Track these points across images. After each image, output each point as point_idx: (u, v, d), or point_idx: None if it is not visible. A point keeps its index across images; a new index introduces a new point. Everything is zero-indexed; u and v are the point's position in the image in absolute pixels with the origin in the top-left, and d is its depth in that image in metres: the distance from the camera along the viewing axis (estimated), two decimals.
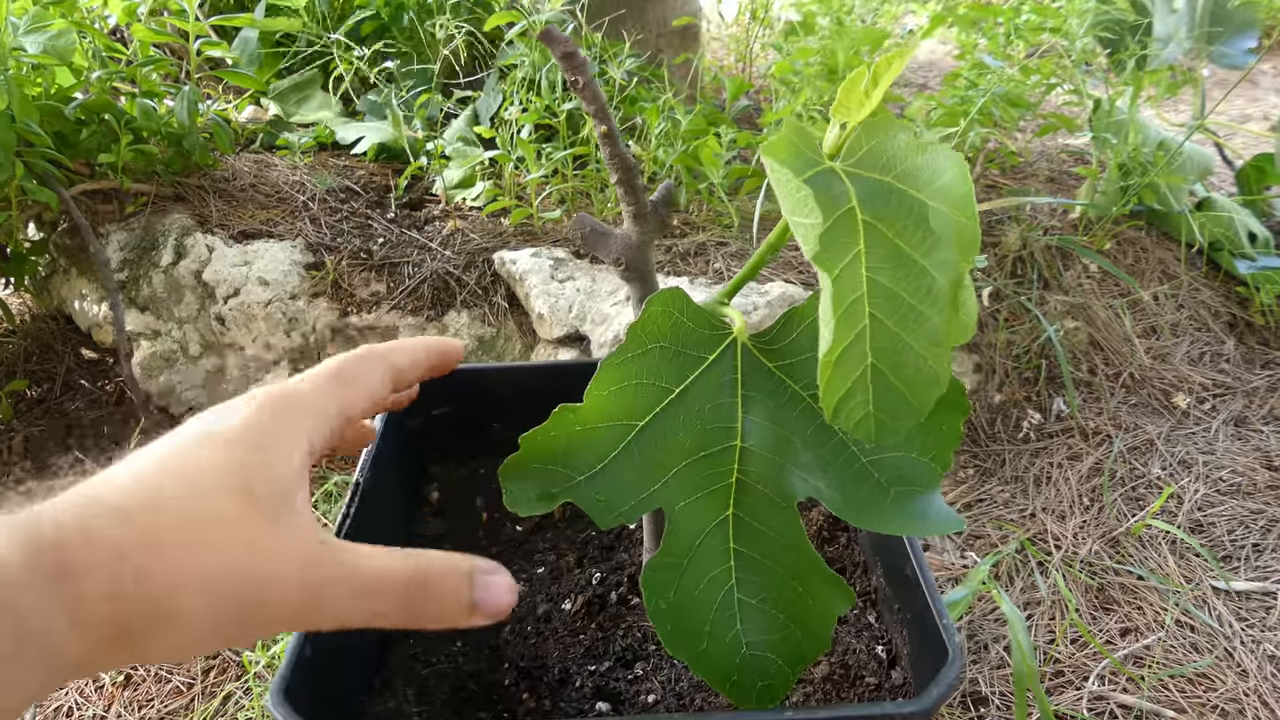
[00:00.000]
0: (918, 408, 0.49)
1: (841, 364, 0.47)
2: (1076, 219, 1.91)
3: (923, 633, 0.63)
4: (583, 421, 0.57)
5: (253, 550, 0.37)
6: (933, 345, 0.47)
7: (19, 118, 1.37)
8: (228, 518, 0.36)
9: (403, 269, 1.58)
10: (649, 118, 1.68)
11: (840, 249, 0.48)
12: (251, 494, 0.38)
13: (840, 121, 0.56)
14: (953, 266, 0.48)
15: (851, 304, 0.48)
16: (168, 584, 0.34)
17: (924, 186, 0.51)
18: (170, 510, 0.35)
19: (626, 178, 0.62)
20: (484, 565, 0.43)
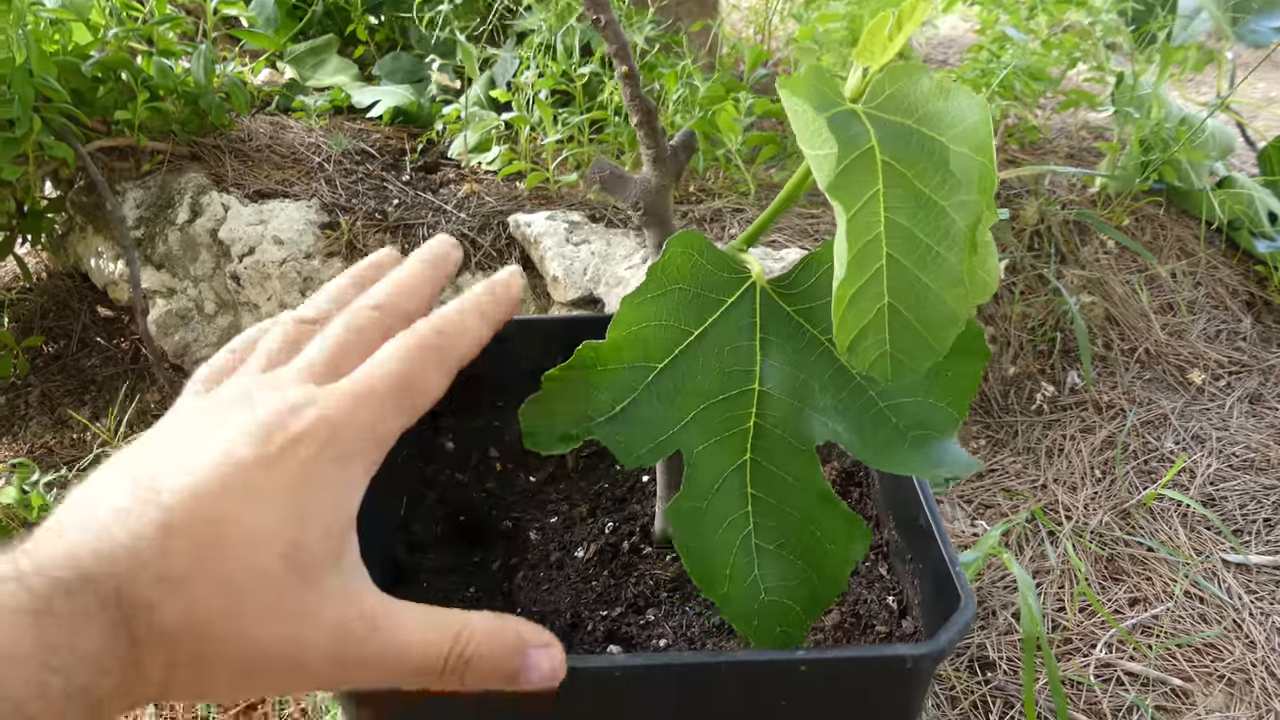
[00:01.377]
0: (936, 347, 0.49)
1: (856, 302, 0.47)
2: (1095, 194, 1.90)
3: (935, 581, 0.63)
4: (603, 362, 0.57)
5: (291, 619, 0.36)
6: (951, 286, 0.47)
7: (36, 72, 1.37)
8: (271, 581, 0.36)
9: (417, 230, 1.58)
10: (667, 84, 1.67)
11: (858, 188, 0.48)
12: (298, 552, 0.36)
13: (863, 66, 0.56)
14: (973, 209, 0.48)
15: (868, 243, 0.48)
16: (213, 656, 0.35)
17: (946, 130, 0.50)
18: (223, 575, 0.35)
19: (646, 120, 0.62)
20: (533, 637, 0.42)
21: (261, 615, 0.35)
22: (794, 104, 0.49)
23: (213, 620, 0.35)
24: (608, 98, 1.69)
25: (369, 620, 0.38)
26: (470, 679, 0.40)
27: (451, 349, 0.44)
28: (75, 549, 0.33)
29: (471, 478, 0.88)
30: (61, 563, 0.33)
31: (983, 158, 0.49)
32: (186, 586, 0.34)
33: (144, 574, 0.34)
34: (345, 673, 0.38)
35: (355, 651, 0.37)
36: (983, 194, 0.49)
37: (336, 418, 0.38)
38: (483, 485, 0.87)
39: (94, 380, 1.66)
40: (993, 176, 0.49)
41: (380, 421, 0.40)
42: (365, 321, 0.44)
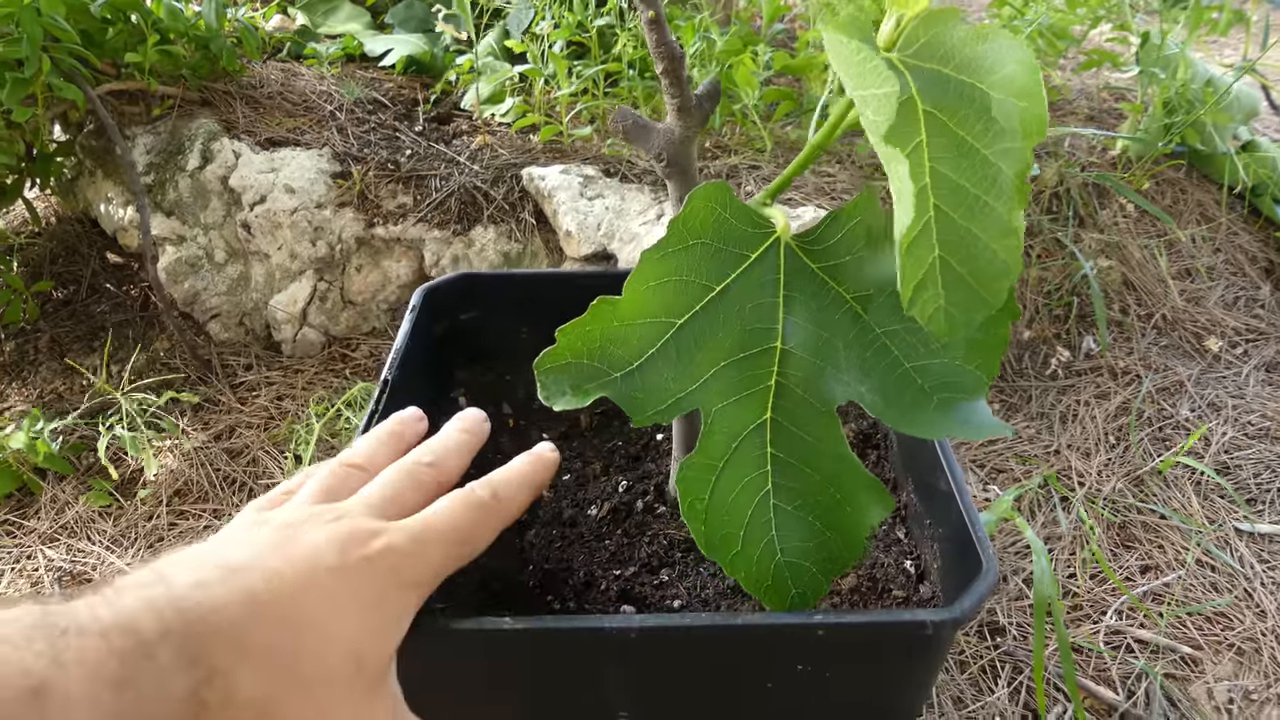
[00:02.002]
0: (989, 300, 0.47)
1: (913, 250, 0.46)
2: (1115, 157, 1.87)
3: (954, 546, 0.62)
4: (620, 317, 0.56)
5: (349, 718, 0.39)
6: (1001, 236, 0.45)
7: (45, 11, 1.35)
8: (340, 686, 0.39)
9: (430, 182, 1.56)
10: (684, 37, 1.64)
11: (905, 135, 0.47)
12: (363, 664, 0.40)
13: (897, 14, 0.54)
14: (1018, 155, 0.47)
15: (916, 194, 0.46)
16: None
17: (985, 76, 0.49)
18: (302, 674, 0.37)
19: (672, 67, 0.60)
20: None
21: (324, 709, 0.38)
22: (840, 44, 0.48)
23: (281, 702, 0.37)
24: (622, 50, 1.66)
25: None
26: None
27: (503, 512, 0.51)
28: (155, 601, 0.35)
29: None
30: (141, 612, 0.34)
31: (1026, 101, 0.48)
32: (264, 661, 0.36)
33: (222, 638, 0.35)
34: None
35: None
36: (1028, 139, 0.47)
37: (405, 549, 0.43)
38: (495, 441, 0.86)
39: (103, 326, 1.65)
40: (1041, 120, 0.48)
41: (439, 562, 0.45)
42: (422, 474, 0.51)
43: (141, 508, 1.33)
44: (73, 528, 1.30)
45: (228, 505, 1.34)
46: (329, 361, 1.58)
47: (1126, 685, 1.08)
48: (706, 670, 0.56)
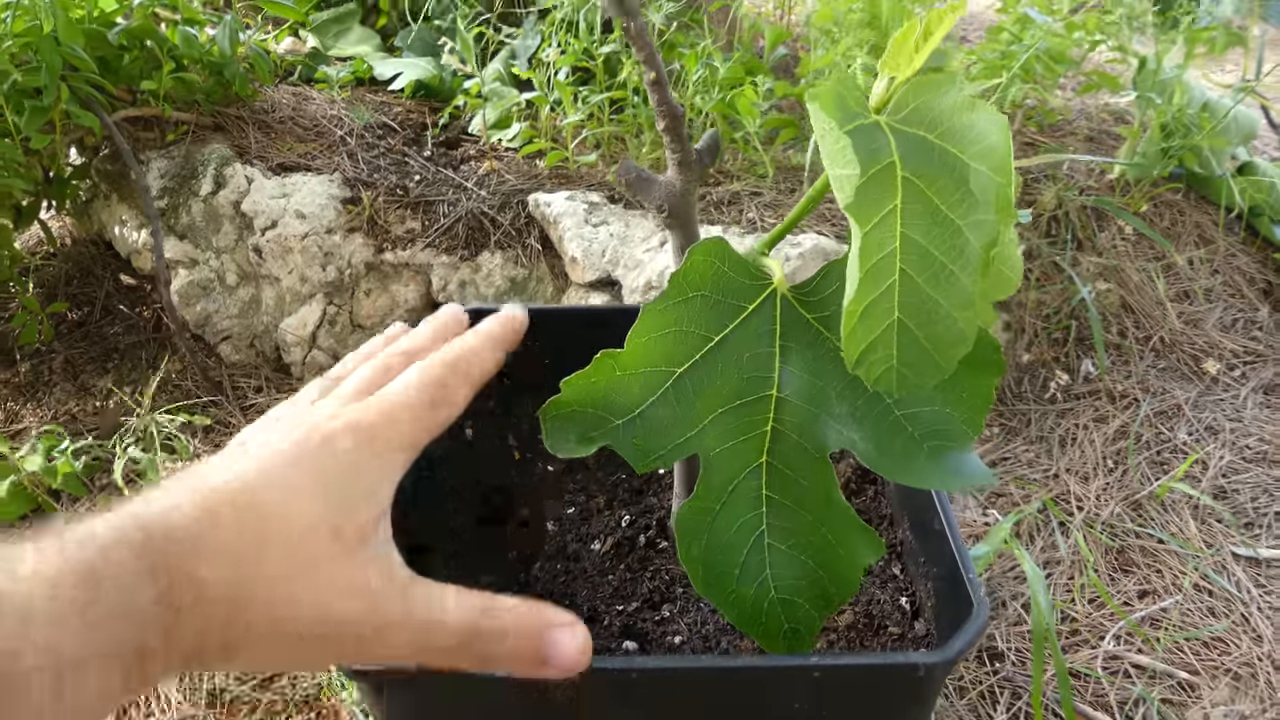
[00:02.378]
0: (942, 365, 0.50)
1: (867, 316, 0.48)
2: (1114, 180, 1.89)
3: (947, 586, 0.64)
4: (623, 367, 0.58)
5: (330, 592, 0.39)
6: (962, 306, 0.48)
7: (64, 41, 1.38)
8: (319, 560, 0.39)
9: (438, 207, 1.59)
10: (687, 64, 1.67)
11: (876, 203, 0.49)
12: (340, 536, 0.40)
13: (889, 75, 0.56)
14: (989, 229, 0.49)
15: (883, 258, 0.48)
16: (256, 626, 0.37)
17: (967, 147, 0.51)
18: (272, 560, 0.38)
19: (673, 125, 0.63)
20: (558, 619, 0.44)
21: (298, 584, 0.38)
22: (820, 120, 0.50)
23: (251, 587, 0.37)
24: (627, 76, 1.69)
25: (400, 590, 0.41)
26: (496, 658, 0.42)
27: (471, 365, 0.51)
28: (123, 523, 0.36)
29: (489, 466, 0.89)
30: (98, 524, 0.35)
31: (1001, 178, 0.50)
32: (227, 559, 0.37)
33: (182, 545, 0.36)
34: (375, 642, 0.40)
35: (388, 623, 0.39)
36: (1000, 214, 0.49)
37: (369, 420, 0.43)
38: (500, 474, 0.88)
39: (116, 348, 1.68)
40: (1010, 197, 0.50)
41: (409, 426, 0.45)
42: (393, 361, 0.50)
43: None
44: None
45: None
46: None
47: (1124, 711, 1.10)
48: (706, 709, 0.57)
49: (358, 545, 0.40)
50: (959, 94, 0.52)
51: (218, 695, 1.13)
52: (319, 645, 0.39)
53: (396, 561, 0.42)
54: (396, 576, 0.41)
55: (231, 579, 0.37)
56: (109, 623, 0.33)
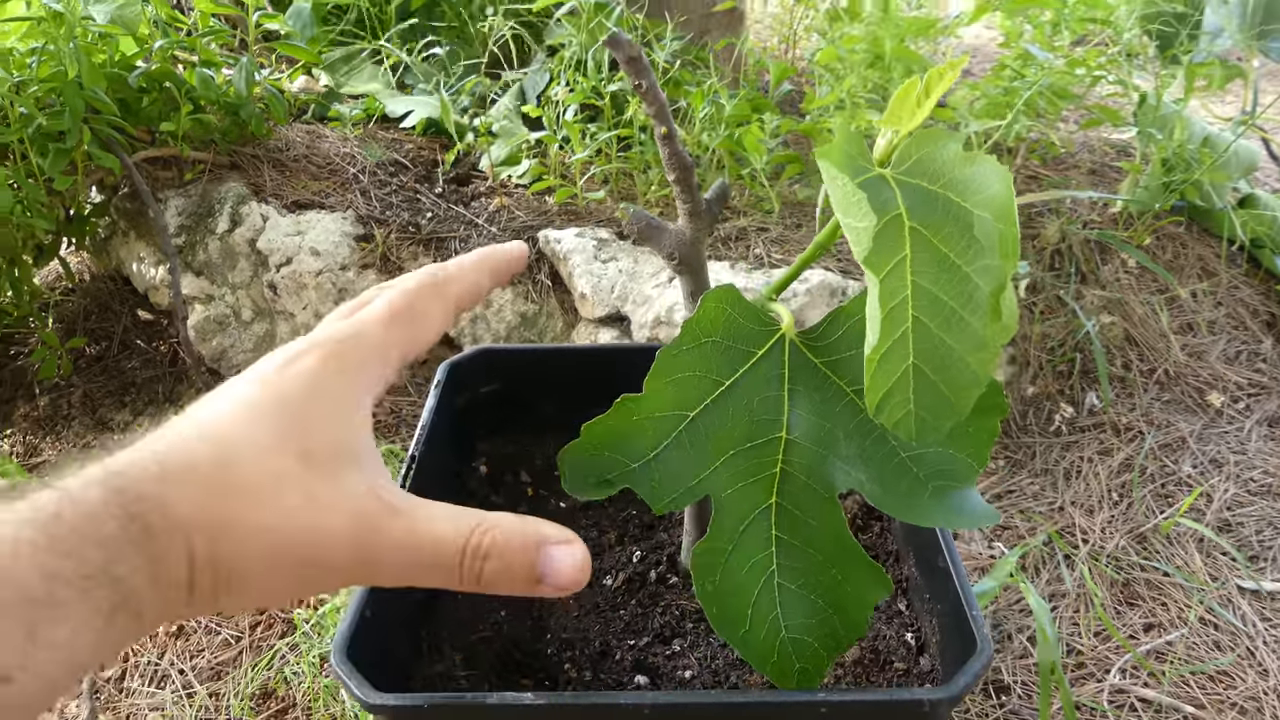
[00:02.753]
0: (958, 408, 0.51)
1: (885, 362, 0.50)
2: (1117, 213, 1.91)
3: (952, 622, 0.66)
4: (640, 411, 0.60)
5: (309, 508, 0.37)
6: (975, 349, 0.49)
7: (87, 85, 1.41)
8: (289, 479, 0.37)
9: (449, 244, 1.62)
10: (694, 102, 1.70)
11: (887, 253, 0.51)
12: (310, 455, 0.38)
13: (891, 130, 0.59)
14: (996, 274, 0.51)
15: (896, 306, 0.50)
16: (234, 551, 0.36)
17: (970, 196, 0.53)
18: (239, 480, 0.36)
19: (683, 177, 0.65)
20: (554, 535, 0.42)
21: (278, 509, 0.37)
22: (832, 174, 0.52)
23: (223, 511, 0.36)
24: (634, 114, 1.72)
25: (389, 507, 0.39)
26: (489, 575, 0.40)
27: (448, 282, 0.48)
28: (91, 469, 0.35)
29: (504, 502, 0.91)
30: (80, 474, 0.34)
31: (1005, 224, 0.52)
32: (190, 479, 0.36)
33: (147, 471, 0.35)
34: (366, 562, 0.38)
35: (375, 538, 0.38)
36: (1005, 259, 0.51)
37: (335, 340, 0.42)
38: (515, 509, 0.90)
39: (134, 382, 1.70)
40: (1015, 242, 0.52)
41: (379, 340, 0.43)
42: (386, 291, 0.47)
43: None
44: None
45: None
46: None
47: None
48: None
49: (332, 463, 0.38)
50: (959, 146, 0.55)
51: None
52: (310, 569, 0.38)
53: (384, 481, 0.40)
54: (383, 494, 0.39)
55: (201, 502, 0.35)
56: (78, 549, 0.32)
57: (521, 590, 0.41)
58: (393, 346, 0.44)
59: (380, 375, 0.43)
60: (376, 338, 0.43)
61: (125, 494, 0.34)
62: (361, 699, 0.57)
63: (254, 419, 0.38)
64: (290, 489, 0.37)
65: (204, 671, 1.22)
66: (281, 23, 1.89)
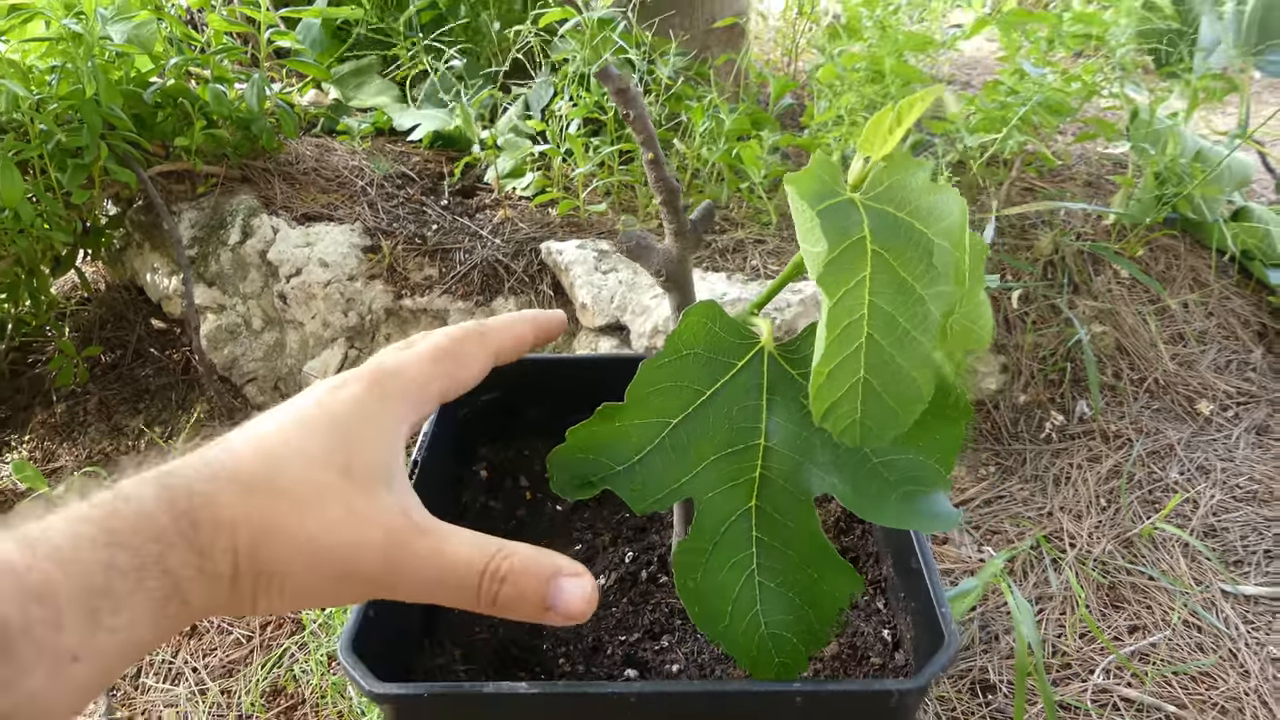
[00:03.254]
0: (902, 419, 0.55)
1: (834, 375, 0.54)
2: (1110, 225, 1.95)
3: (924, 619, 0.70)
4: (623, 418, 0.64)
5: (349, 520, 0.40)
6: (921, 367, 0.53)
7: (104, 102, 1.46)
8: (330, 491, 0.40)
9: (454, 255, 1.66)
10: (694, 117, 1.74)
11: (846, 273, 0.55)
12: (351, 472, 0.41)
13: (864, 155, 0.63)
14: (948, 299, 0.55)
15: (851, 323, 0.54)
16: (276, 555, 0.39)
17: (932, 224, 0.57)
18: (284, 486, 0.40)
19: (670, 200, 0.69)
20: (568, 568, 0.45)
21: (321, 518, 0.40)
22: (794, 201, 0.56)
23: (267, 514, 0.39)
24: None
25: (418, 527, 0.42)
26: (504, 599, 0.43)
27: (492, 331, 0.54)
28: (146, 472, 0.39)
29: (503, 505, 0.95)
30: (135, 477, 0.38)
31: (959, 253, 0.56)
32: (237, 482, 0.39)
33: (199, 472, 0.39)
34: (393, 574, 0.41)
35: (404, 554, 0.41)
36: (958, 284, 0.55)
37: (383, 370, 0.46)
38: (513, 513, 0.94)
39: (148, 389, 1.75)
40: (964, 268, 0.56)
41: (420, 376, 0.48)
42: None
43: None
44: None
45: None
46: None
47: None
48: None
49: (370, 481, 0.42)
50: (927, 175, 0.59)
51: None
52: (344, 579, 0.40)
53: (414, 502, 0.43)
54: (413, 514, 0.42)
55: (247, 504, 0.39)
56: (133, 542, 0.35)
57: (531, 616, 0.44)
58: (433, 380, 0.48)
59: (418, 406, 0.47)
60: (419, 372, 0.47)
61: (176, 491, 0.37)
62: (366, 689, 0.61)
63: (302, 435, 0.42)
64: (333, 501, 0.40)
65: (216, 669, 1.26)
66: (292, 39, 1.94)
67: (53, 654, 0.32)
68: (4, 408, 1.70)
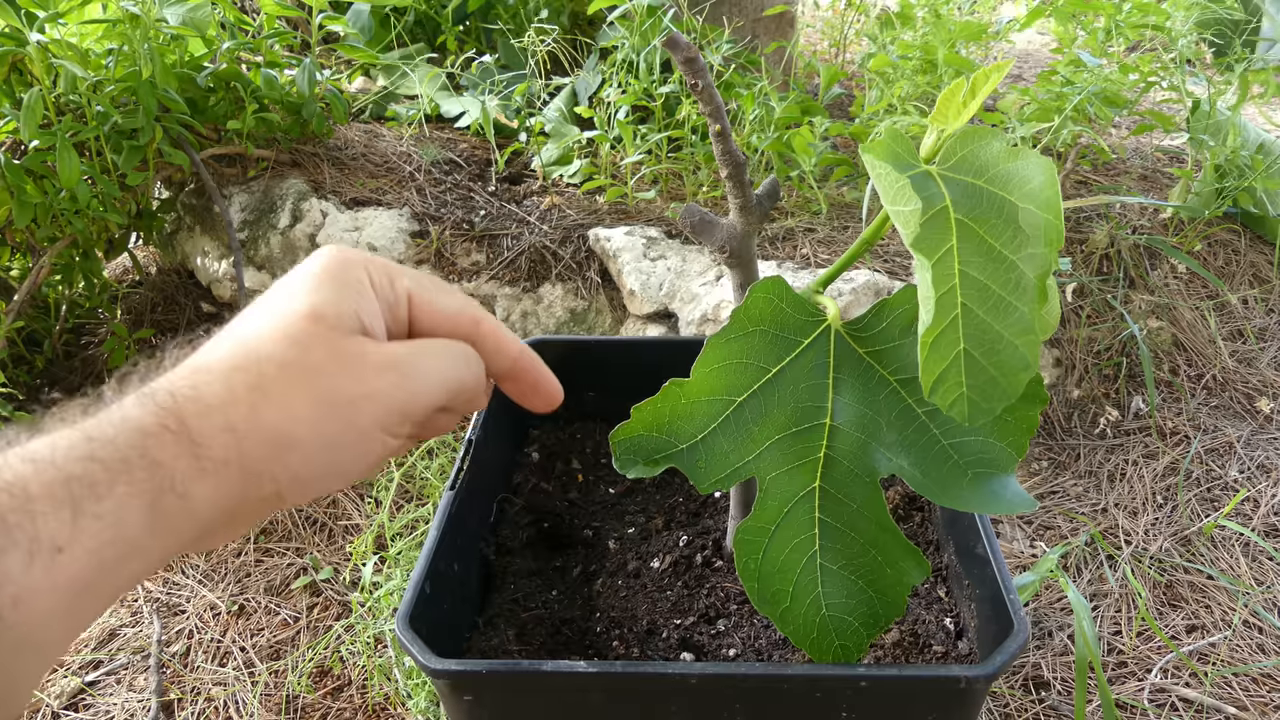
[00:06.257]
0: (1009, 390, 0.54)
1: (937, 346, 0.53)
2: (1167, 219, 1.91)
3: (990, 607, 0.68)
4: (688, 395, 0.63)
5: (336, 356, 0.40)
6: (1022, 333, 0.52)
7: (159, 85, 1.47)
8: (312, 338, 0.40)
9: (502, 241, 1.66)
10: (744, 104, 1.72)
11: (934, 243, 0.53)
12: (320, 317, 0.41)
13: (937, 128, 0.61)
14: (1041, 261, 0.53)
15: (945, 293, 0.53)
16: (279, 410, 0.38)
17: (1015, 190, 0.55)
18: (267, 352, 0.39)
19: (736, 173, 0.68)
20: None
21: (309, 360, 0.40)
22: (877, 166, 0.55)
23: (266, 382, 0.39)
24: (685, 115, 1.75)
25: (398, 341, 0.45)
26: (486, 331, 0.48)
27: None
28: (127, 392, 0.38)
29: (555, 487, 0.94)
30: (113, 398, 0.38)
31: (1049, 214, 0.54)
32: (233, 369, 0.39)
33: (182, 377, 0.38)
34: (402, 371, 0.42)
35: (401, 348, 0.43)
36: (1049, 247, 0.54)
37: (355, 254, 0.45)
38: (565, 495, 0.93)
39: None
40: (1059, 231, 0.54)
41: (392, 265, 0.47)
42: None
43: (230, 545, 1.43)
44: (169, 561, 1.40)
45: (309, 544, 1.43)
46: None
47: None
48: (758, 715, 0.62)
49: (344, 328, 0.41)
50: (1003, 144, 0.57)
51: (291, 701, 1.19)
52: (352, 405, 0.40)
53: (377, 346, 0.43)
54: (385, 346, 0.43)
55: (231, 380, 0.38)
56: (113, 439, 0.35)
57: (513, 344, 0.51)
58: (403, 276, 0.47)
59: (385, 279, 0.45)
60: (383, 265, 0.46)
61: (156, 393, 0.37)
62: (424, 664, 0.60)
63: (270, 303, 0.42)
64: (316, 345, 0.40)
65: (264, 649, 1.27)
66: (343, 24, 1.94)
67: (30, 538, 0.32)
68: (58, 389, 1.72)
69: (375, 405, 0.41)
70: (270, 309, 0.41)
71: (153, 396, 0.37)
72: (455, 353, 0.46)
